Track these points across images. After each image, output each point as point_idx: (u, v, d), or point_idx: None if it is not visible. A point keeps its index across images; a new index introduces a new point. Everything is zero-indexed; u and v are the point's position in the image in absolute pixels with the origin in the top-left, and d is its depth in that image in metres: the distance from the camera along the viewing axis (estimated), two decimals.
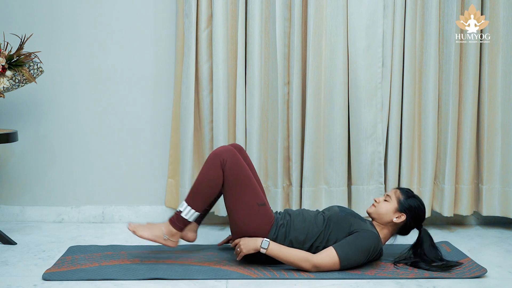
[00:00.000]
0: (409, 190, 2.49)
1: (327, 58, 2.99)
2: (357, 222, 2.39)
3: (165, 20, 3.10)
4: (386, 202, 2.45)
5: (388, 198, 2.46)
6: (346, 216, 2.41)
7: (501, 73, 3.01)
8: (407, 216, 2.43)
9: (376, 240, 2.35)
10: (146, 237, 2.36)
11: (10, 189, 3.17)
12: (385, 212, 2.43)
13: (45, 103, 3.13)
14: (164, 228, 2.37)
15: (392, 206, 2.43)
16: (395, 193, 2.47)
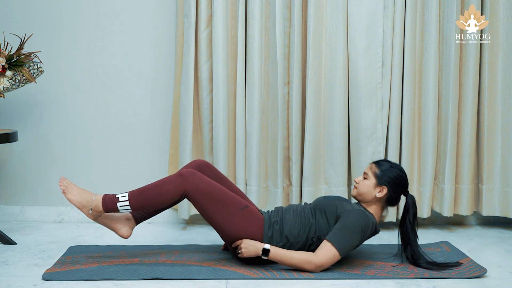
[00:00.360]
0: (385, 161, 2.48)
1: (327, 58, 2.99)
2: (342, 204, 2.39)
3: (165, 20, 3.10)
4: (366, 180, 2.44)
5: (366, 175, 2.45)
6: (330, 201, 2.42)
7: (501, 73, 3.01)
8: (388, 188, 2.41)
9: (363, 216, 2.33)
10: (73, 202, 2.28)
11: (10, 189, 3.18)
12: (366, 190, 2.43)
13: (45, 103, 3.13)
14: (94, 201, 2.28)
15: (371, 182, 2.43)
16: (371, 168, 2.46)
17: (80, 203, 2.29)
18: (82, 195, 2.30)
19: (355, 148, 3.01)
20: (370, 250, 2.65)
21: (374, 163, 2.48)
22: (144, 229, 3.03)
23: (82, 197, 2.30)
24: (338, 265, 2.41)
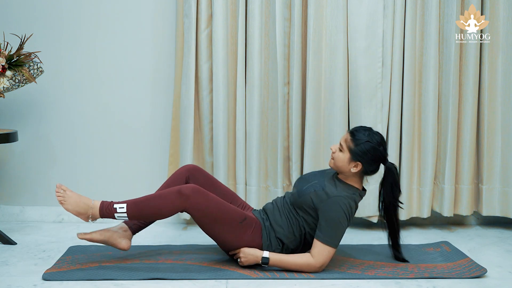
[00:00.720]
0: (361, 131, 2.34)
1: (327, 58, 2.99)
2: (316, 195, 2.32)
3: (165, 20, 3.10)
4: (341, 153, 2.34)
5: (341, 147, 2.35)
6: (304, 194, 2.35)
7: (501, 73, 3.01)
8: (362, 164, 2.33)
9: (342, 202, 2.28)
10: (70, 211, 2.26)
11: (10, 189, 3.18)
12: (341, 164, 2.34)
13: (45, 103, 3.13)
14: (93, 209, 2.25)
15: (346, 156, 2.33)
16: (346, 140, 2.34)
17: (77, 212, 2.27)
18: (79, 204, 2.27)
19: None
20: (370, 250, 2.66)
21: (350, 134, 2.35)
22: (144, 229, 3.03)
23: (79, 206, 2.27)
24: (338, 265, 2.41)
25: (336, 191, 2.33)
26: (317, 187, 2.36)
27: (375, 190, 3.01)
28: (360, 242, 2.84)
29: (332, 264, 2.41)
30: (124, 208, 2.24)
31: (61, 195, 2.28)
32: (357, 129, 2.36)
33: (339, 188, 2.36)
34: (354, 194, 2.36)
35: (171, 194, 2.25)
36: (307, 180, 2.44)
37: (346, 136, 2.36)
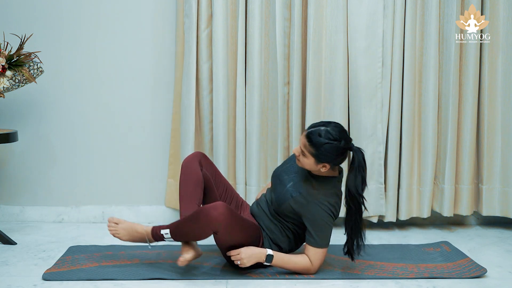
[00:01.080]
0: (314, 135, 2.21)
1: (327, 58, 2.99)
2: (296, 202, 2.28)
3: (165, 20, 3.10)
4: (305, 158, 2.25)
5: (303, 152, 2.25)
6: (283, 202, 2.31)
7: (501, 73, 3.01)
8: (329, 163, 2.24)
9: (322, 204, 2.24)
10: (127, 241, 2.35)
11: (10, 189, 3.17)
12: (309, 167, 2.27)
13: (45, 103, 3.13)
14: (148, 235, 2.31)
15: (311, 161, 2.24)
16: (305, 146, 2.23)
17: (134, 241, 2.34)
18: (132, 233, 2.33)
19: None
20: (370, 250, 2.65)
21: (306, 139, 2.22)
22: None
23: (134, 236, 2.33)
24: (338, 265, 2.41)
25: (314, 192, 2.29)
26: (294, 192, 2.31)
27: (375, 190, 3.01)
28: None
29: (332, 264, 2.41)
30: (168, 234, 2.26)
31: (114, 229, 2.35)
32: (312, 132, 2.23)
33: (316, 186, 2.30)
34: (334, 187, 2.31)
35: (204, 223, 2.17)
36: (282, 181, 2.37)
37: (304, 140, 2.25)
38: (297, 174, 2.37)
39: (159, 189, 3.18)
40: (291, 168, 2.41)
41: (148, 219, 3.17)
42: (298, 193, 2.30)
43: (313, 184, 2.31)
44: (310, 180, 2.33)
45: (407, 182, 3.04)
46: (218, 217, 2.14)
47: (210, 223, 2.15)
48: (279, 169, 2.47)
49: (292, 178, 2.36)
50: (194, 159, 2.44)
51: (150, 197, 3.19)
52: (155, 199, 3.19)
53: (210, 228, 2.17)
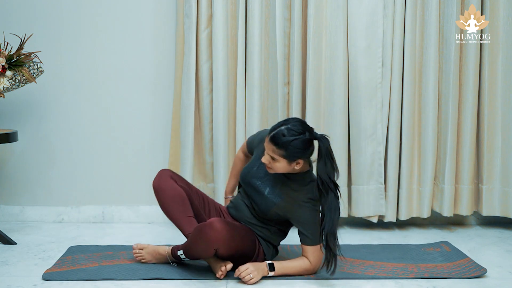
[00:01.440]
0: (279, 137, 2.16)
1: (327, 58, 2.99)
2: (280, 208, 2.27)
3: (165, 20, 3.10)
4: (277, 163, 2.20)
5: (273, 157, 2.19)
6: (268, 212, 2.29)
7: (501, 73, 3.01)
8: (302, 158, 2.21)
9: (305, 203, 2.24)
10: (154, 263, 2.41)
11: (10, 189, 3.17)
12: (284, 170, 2.22)
13: (45, 103, 3.13)
14: (170, 257, 2.38)
15: (283, 163, 2.20)
16: (273, 151, 2.18)
17: (160, 263, 2.41)
18: (157, 256, 2.40)
19: (355, 148, 3.01)
20: (370, 250, 2.66)
21: (273, 144, 2.17)
22: (144, 229, 3.03)
23: (159, 258, 2.40)
24: (338, 265, 2.40)
25: (295, 194, 2.27)
26: (275, 198, 2.29)
27: (375, 190, 3.02)
28: (360, 242, 2.84)
29: None
30: (183, 254, 2.30)
31: (140, 255, 2.42)
32: (275, 135, 2.17)
33: (295, 187, 2.28)
34: (311, 180, 2.28)
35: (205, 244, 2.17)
36: (257, 189, 2.33)
37: (270, 146, 2.19)
38: (269, 177, 2.33)
39: None
40: (260, 171, 2.37)
41: (148, 219, 3.17)
42: (280, 199, 2.29)
43: (291, 186, 2.29)
44: (287, 183, 2.30)
45: (407, 182, 3.04)
46: (216, 236, 2.14)
47: (210, 243, 2.15)
48: (247, 175, 2.39)
49: (267, 184, 2.33)
50: (166, 178, 2.40)
51: (150, 197, 3.16)
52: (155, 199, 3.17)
53: (211, 247, 2.17)
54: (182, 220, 2.33)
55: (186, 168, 2.99)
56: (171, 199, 2.36)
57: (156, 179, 2.41)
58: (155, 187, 2.40)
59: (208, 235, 2.14)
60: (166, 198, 2.37)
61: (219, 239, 2.14)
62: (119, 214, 3.18)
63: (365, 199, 3.02)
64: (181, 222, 2.33)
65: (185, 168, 2.99)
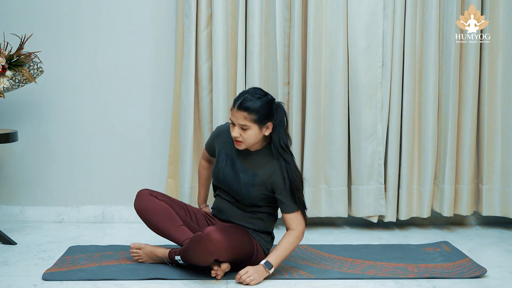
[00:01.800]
0: (246, 101, 2.23)
1: (327, 58, 2.99)
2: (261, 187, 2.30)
3: (165, 20, 3.10)
4: (248, 131, 2.24)
5: (245, 126, 2.23)
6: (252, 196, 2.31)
7: (501, 73, 3.01)
8: (271, 120, 2.26)
9: (279, 166, 2.27)
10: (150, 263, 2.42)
11: (10, 189, 3.17)
12: (255, 138, 2.26)
13: (45, 103, 3.13)
14: (167, 259, 2.37)
15: (254, 129, 2.24)
16: (245, 118, 2.22)
17: (156, 263, 2.41)
18: (153, 257, 2.41)
19: (355, 148, 3.01)
20: (370, 250, 2.66)
21: (243, 110, 2.21)
22: (144, 229, 3.03)
23: (155, 259, 2.41)
24: (338, 265, 2.41)
25: (267, 165, 2.31)
26: (252, 179, 2.31)
27: (375, 190, 3.02)
28: (360, 242, 2.84)
29: (332, 264, 2.41)
30: (181, 260, 2.30)
31: (137, 255, 2.42)
32: (243, 101, 2.23)
33: (263, 160, 2.32)
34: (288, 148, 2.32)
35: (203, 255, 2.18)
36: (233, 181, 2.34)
37: (241, 114, 2.22)
38: (238, 165, 2.35)
39: (158, 189, 3.14)
40: (228, 166, 2.38)
41: None
42: (255, 176, 2.31)
43: (261, 161, 2.33)
44: (255, 160, 2.34)
45: (407, 182, 3.04)
46: (215, 247, 2.14)
47: (208, 254, 2.16)
48: (218, 173, 2.40)
49: (238, 172, 2.35)
50: (146, 196, 2.38)
51: None
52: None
53: (211, 258, 2.19)
54: (173, 231, 2.33)
55: (185, 168, 2.99)
56: (156, 214, 2.35)
57: (136, 201, 2.40)
58: (137, 208, 2.39)
59: (206, 247, 2.14)
60: (151, 215, 2.36)
61: (219, 250, 2.15)
62: (119, 214, 3.18)
63: (365, 199, 3.02)
64: (172, 233, 2.33)
65: (185, 168, 2.99)
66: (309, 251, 2.61)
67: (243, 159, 2.36)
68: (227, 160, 2.39)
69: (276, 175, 2.29)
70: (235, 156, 2.37)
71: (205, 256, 2.17)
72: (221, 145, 2.42)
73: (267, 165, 2.31)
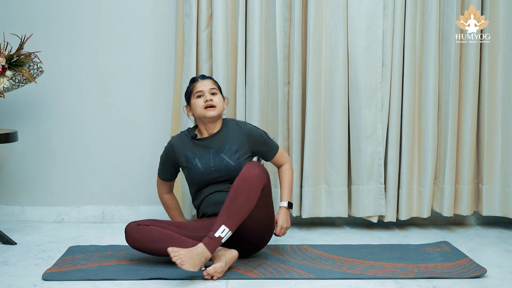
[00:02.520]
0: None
1: (327, 58, 2.99)
2: (243, 148, 2.50)
3: (165, 20, 3.10)
4: (216, 95, 2.54)
5: (213, 90, 2.54)
6: (239, 164, 2.47)
7: (501, 73, 3.01)
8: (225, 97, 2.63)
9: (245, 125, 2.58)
10: (191, 269, 2.16)
11: (10, 189, 3.18)
12: (222, 106, 2.55)
13: (45, 103, 3.13)
14: (203, 254, 2.17)
15: (220, 97, 2.55)
16: (213, 83, 2.57)
17: (195, 266, 2.15)
18: (193, 261, 2.14)
19: (355, 148, 3.01)
20: (370, 250, 2.66)
21: (208, 79, 2.58)
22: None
23: (193, 261, 2.14)
24: (338, 265, 2.41)
25: (237, 133, 2.53)
26: (234, 153, 2.49)
27: (375, 190, 3.02)
28: (360, 242, 2.84)
29: (332, 264, 2.41)
30: (226, 229, 2.18)
31: (181, 259, 2.13)
32: (203, 75, 2.63)
33: (231, 131, 2.55)
34: (231, 119, 2.63)
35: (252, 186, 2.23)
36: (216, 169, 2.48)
37: (208, 81, 2.56)
38: (212, 151, 2.51)
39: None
40: (203, 159, 2.51)
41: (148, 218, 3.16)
42: (235, 147, 2.51)
43: (225, 136, 2.53)
44: (221, 137, 2.53)
45: (407, 182, 3.04)
46: (260, 173, 2.26)
47: (256, 181, 2.23)
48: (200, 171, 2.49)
49: (218, 155, 2.50)
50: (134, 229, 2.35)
51: (150, 197, 3.18)
52: (155, 199, 3.17)
53: (260, 185, 2.24)
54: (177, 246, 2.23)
55: None
56: (152, 241, 2.31)
57: (126, 237, 2.36)
58: (131, 243, 2.36)
59: (251, 174, 2.23)
60: (147, 244, 2.33)
61: (264, 174, 2.27)
62: (119, 214, 3.18)
63: (365, 199, 3.02)
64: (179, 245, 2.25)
65: None
66: (309, 251, 2.61)
67: (210, 145, 2.52)
68: (198, 156, 2.51)
69: (249, 133, 2.53)
70: (200, 148, 2.52)
71: (253, 185, 2.22)
72: (181, 151, 2.56)
73: (233, 134, 2.53)
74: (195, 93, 2.52)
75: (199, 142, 2.55)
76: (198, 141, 2.55)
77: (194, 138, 2.55)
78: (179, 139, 2.59)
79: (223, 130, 2.56)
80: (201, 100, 2.50)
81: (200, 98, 2.51)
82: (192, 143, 2.55)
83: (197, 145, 2.54)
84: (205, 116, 2.50)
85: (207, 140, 2.54)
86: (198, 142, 2.55)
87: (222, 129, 2.56)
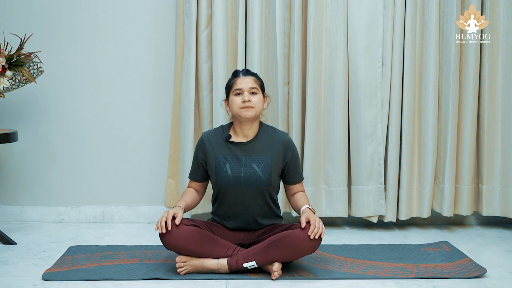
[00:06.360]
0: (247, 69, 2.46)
1: (327, 58, 2.99)
2: (276, 162, 2.36)
3: (165, 20, 3.10)
4: (256, 95, 2.36)
5: (255, 89, 2.36)
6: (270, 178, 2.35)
7: (501, 73, 3.01)
8: (267, 96, 2.47)
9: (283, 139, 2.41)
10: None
11: (10, 189, 3.18)
12: (261, 107, 2.38)
13: (45, 103, 3.13)
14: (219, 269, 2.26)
15: (260, 96, 2.38)
16: (254, 81, 2.38)
17: (203, 273, 2.27)
18: (201, 269, 2.26)
19: (355, 148, 3.01)
20: (370, 250, 2.66)
21: (251, 75, 2.39)
22: (144, 229, 3.03)
23: (201, 271, 2.26)
24: (338, 265, 2.41)
25: (274, 144, 2.38)
26: (267, 164, 2.35)
27: (375, 190, 3.02)
28: (360, 242, 2.84)
29: (332, 264, 2.41)
30: (254, 265, 2.24)
31: (184, 268, 2.25)
32: (247, 70, 2.42)
33: (266, 140, 2.40)
34: (271, 127, 2.46)
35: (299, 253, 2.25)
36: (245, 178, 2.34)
37: (250, 78, 2.37)
38: (245, 159, 2.35)
39: (158, 189, 3.18)
40: (234, 166, 2.35)
41: (148, 219, 3.17)
42: (268, 159, 2.36)
43: (261, 145, 2.38)
44: (256, 146, 2.37)
45: (407, 182, 3.04)
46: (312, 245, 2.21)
47: (306, 252, 2.23)
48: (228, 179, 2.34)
49: (249, 165, 2.36)
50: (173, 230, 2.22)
51: (149, 197, 3.19)
52: (155, 199, 3.19)
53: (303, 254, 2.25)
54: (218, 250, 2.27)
55: (185, 168, 2.99)
56: (194, 241, 2.25)
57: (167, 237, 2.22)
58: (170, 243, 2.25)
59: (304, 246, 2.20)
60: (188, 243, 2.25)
61: (313, 248, 2.22)
62: (119, 214, 3.18)
63: (365, 199, 3.02)
64: (217, 251, 2.27)
65: (185, 168, 2.99)
66: None
67: (244, 152, 2.37)
68: (229, 161, 2.36)
69: (287, 145, 2.39)
70: (232, 153, 2.37)
71: (301, 252, 2.23)
72: (213, 150, 2.38)
73: (270, 144, 2.37)
74: (234, 90, 2.34)
75: (232, 146, 2.37)
76: (231, 144, 2.38)
77: (227, 139, 2.38)
78: (213, 135, 2.40)
79: (259, 137, 2.38)
80: (239, 98, 2.32)
81: (239, 96, 2.33)
82: (225, 144, 2.37)
83: (230, 148, 2.37)
84: (241, 116, 2.34)
85: (241, 146, 2.37)
86: (231, 147, 2.37)
87: (259, 135, 2.39)
